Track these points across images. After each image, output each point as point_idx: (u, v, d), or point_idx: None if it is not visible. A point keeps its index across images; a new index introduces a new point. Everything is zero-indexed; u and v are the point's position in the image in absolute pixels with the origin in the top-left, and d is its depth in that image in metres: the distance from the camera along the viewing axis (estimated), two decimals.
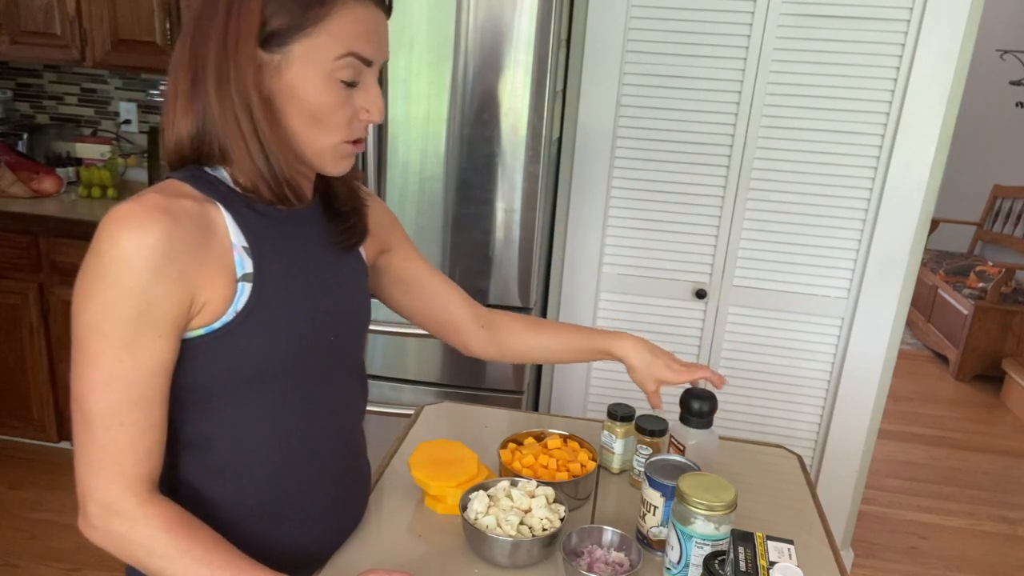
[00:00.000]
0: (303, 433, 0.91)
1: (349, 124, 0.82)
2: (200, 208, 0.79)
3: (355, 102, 0.82)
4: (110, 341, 0.74)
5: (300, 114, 0.80)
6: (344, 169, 0.86)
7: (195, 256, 0.77)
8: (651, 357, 1.13)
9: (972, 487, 3.00)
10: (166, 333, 0.77)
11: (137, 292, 0.73)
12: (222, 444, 0.86)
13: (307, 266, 0.90)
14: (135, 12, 2.45)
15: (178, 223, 0.76)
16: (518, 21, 1.85)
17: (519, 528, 0.97)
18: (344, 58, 0.78)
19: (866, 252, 2.12)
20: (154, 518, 0.77)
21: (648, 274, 2.26)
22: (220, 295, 0.80)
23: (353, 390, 1.01)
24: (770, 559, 0.86)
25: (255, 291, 0.82)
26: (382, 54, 0.83)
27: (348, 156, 0.85)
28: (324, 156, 0.83)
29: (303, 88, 0.78)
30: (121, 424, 0.76)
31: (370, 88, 0.82)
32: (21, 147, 2.81)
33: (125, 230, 0.73)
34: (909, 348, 4.45)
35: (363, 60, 0.80)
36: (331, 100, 0.80)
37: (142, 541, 0.76)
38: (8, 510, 2.40)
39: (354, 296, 0.98)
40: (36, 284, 2.48)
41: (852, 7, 1.96)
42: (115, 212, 0.75)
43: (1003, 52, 4.65)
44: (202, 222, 0.79)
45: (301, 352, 0.88)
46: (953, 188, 4.71)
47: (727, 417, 2.29)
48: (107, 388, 0.75)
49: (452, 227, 2.00)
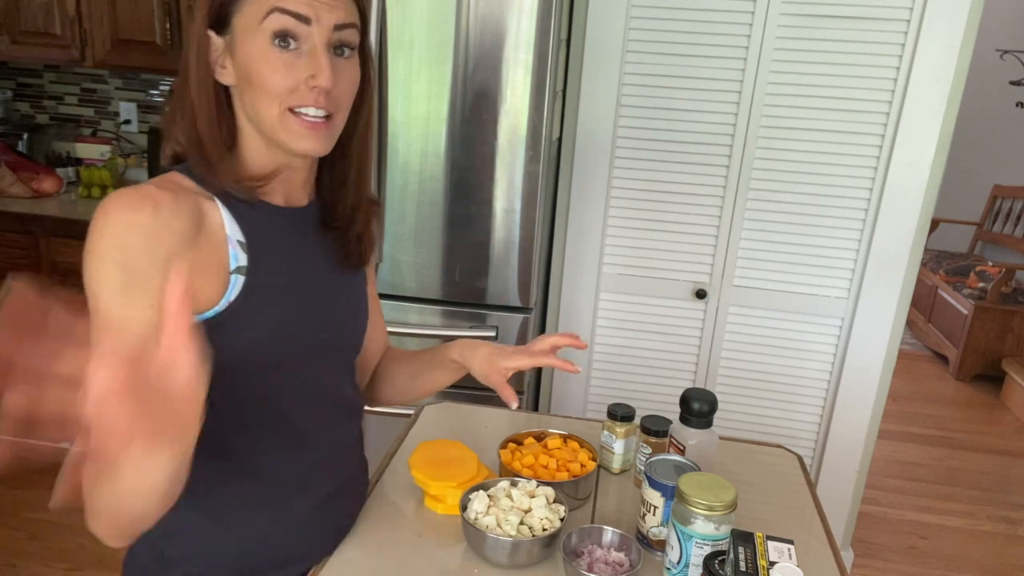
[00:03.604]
0: (291, 428, 0.92)
1: (293, 91, 0.80)
2: (195, 200, 0.81)
3: (299, 70, 0.80)
4: (105, 316, 0.76)
5: (248, 87, 0.81)
6: (308, 147, 0.83)
7: (187, 243, 0.79)
8: (490, 349, 1.05)
9: (972, 487, 3.00)
10: (157, 306, 0.76)
11: (123, 264, 0.75)
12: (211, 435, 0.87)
13: (301, 264, 0.91)
14: (135, 12, 2.45)
15: (168, 208, 0.78)
16: (518, 21, 1.85)
17: (519, 528, 0.97)
18: (269, 15, 0.78)
19: (866, 252, 2.12)
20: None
21: (648, 274, 2.26)
22: (212, 286, 0.81)
23: (347, 387, 1.01)
24: (770, 559, 0.86)
25: (247, 284, 0.84)
26: (319, 13, 0.79)
27: (306, 134, 0.82)
28: (276, 129, 0.82)
29: (247, 59, 0.80)
30: None
31: (315, 53, 0.80)
32: (21, 147, 2.81)
33: (115, 210, 0.76)
34: (909, 348, 4.45)
35: (290, 14, 0.78)
36: (269, 65, 0.79)
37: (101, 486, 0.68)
38: (8, 510, 2.40)
39: (349, 295, 0.99)
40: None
41: (852, 7, 1.96)
42: (111, 195, 0.78)
43: (1003, 52, 4.65)
44: (196, 213, 0.81)
45: (292, 347, 0.89)
46: (953, 188, 4.71)
47: (727, 417, 2.29)
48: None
49: (452, 227, 2.00)
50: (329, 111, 0.82)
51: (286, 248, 0.89)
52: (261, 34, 0.78)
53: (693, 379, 2.30)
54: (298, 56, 0.80)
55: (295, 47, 0.79)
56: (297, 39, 0.79)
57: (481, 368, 1.05)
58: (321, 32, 0.80)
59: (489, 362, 1.04)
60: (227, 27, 0.81)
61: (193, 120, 0.83)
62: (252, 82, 0.80)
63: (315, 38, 0.80)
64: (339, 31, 0.81)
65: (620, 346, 2.32)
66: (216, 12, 0.80)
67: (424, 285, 2.06)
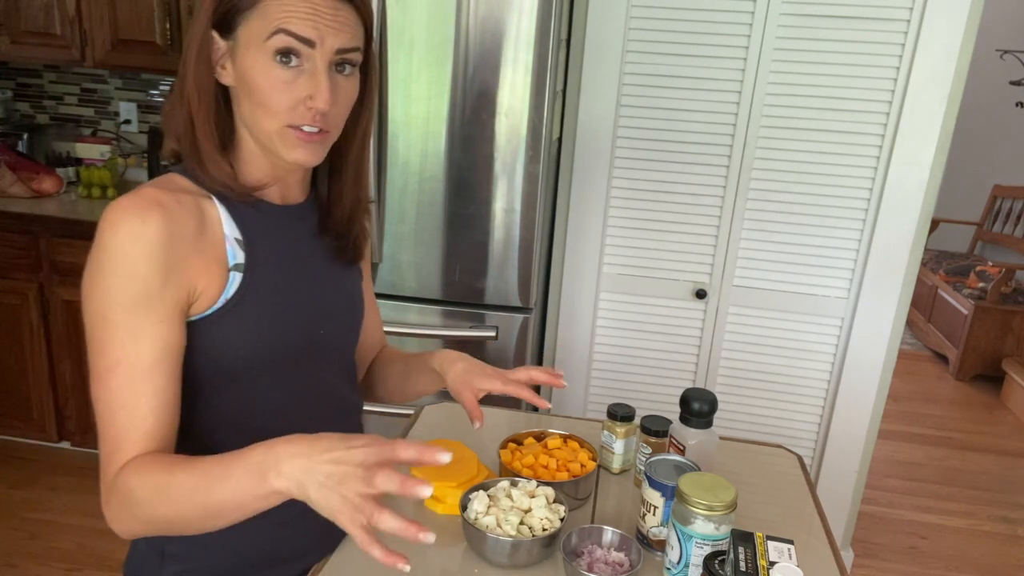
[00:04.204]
0: (290, 424, 0.92)
1: (292, 110, 0.81)
2: (195, 201, 0.83)
3: (299, 89, 0.81)
4: (114, 328, 0.77)
5: (247, 97, 0.82)
6: (300, 158, 0.84)
7: (191, 246, 0.80)
8: (467, 366, 1.06)
9: (972, 487, 3.00)
10: (168, 319, 0.79)
11: (135, 279, 0.76)
12: (209, 436, 0.88)
13: (298, 260, 0.92)
14: (135, 12, 2.45)
15: (174, 215, 0.79)
16: (518, 21, 1.85)
17: (519, 528, 0.97)
18: (275, 35, 0.78)
19: (866, 252, 2.12)
20: (128, 471, 0.76)
21: (648, 274, 2.26)
22: (213, 284, 0.83)
23: (344, 385, 1.02)
24: (770, 559, 0.86)
25: (245, 281, 0.85)
26: (324, 36, 0.80)
27: (300, 145, 0.83)
28: (273, 141, 0.83)
29: (248, 70, 0.80)
30: (123, 406, 0.77)
31: (316, 74, 0.80)
32: (21, 147, 2.81)
33: (124, 222, 0.76)
34: (909, 348, 4.45)
35: (295, 37, 0.78)
36: (269, 81, 0.80)
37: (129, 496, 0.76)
38: (8, 510, 2.40)
39: (345, 291, 1.00)
40: (36, 284, 2.48)
41: (852, 7, 1.96)
42: (115, 205, 0.78)
43: (1003, 52, 4.65)
44: (197, 214, 0.82)
45: (289, 343, 0.89)
46: (953, 188, 4.71)
47: (727, 417, 2.29)
48: (111, 373, 0.77)
49: (452, 227, 2.00)
50: (324, 128, 0.83)
51: (283, 245, 0.90)
52: (264, 50, 0.79)
53: (693, 379, 2.30)
54: (299, 74, 0.80)
55: (296, 64, 0.80)
56: (299, 56, 0.80)
57: (454, 383, 1.05)
58: (324, 55, 0.80)
59: (463, 379, 1.04)
60: (231, 33, 0.81)
61: (190, 116, 0.84)
62: (252, 95, 0.81)
63: (317, 60, 0.80)
64: (342, 54, 0.82)
65: (620, 346, 2.32)
66: (222, 16, 0.81)
67: (424, 285, 2.06)
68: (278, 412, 0.91)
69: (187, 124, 0.84)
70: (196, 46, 0.82)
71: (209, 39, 0.82)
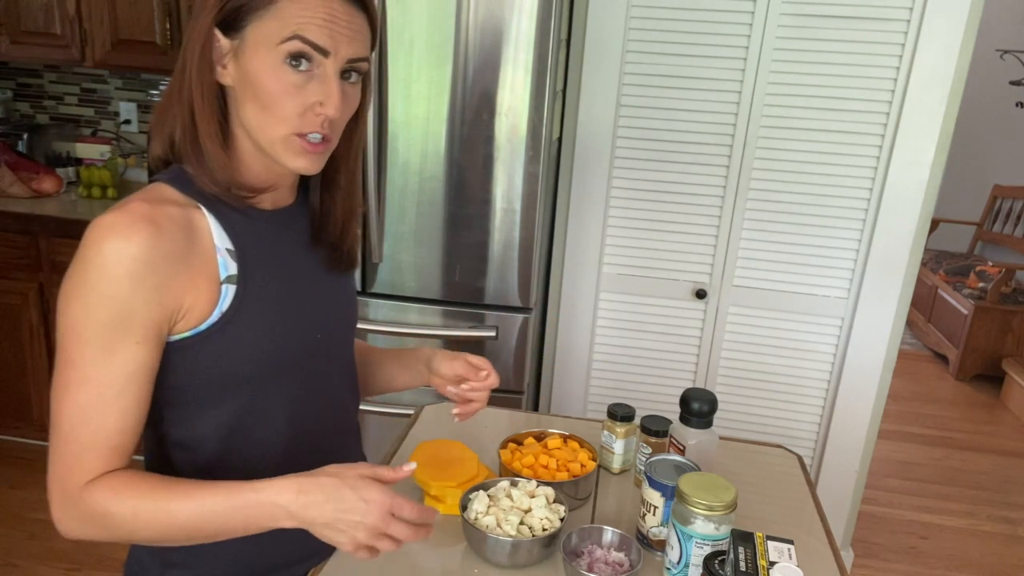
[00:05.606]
0: (291, 432, 0.92)
1: (301, 116, 0.79)
2: (184, 213, 0.80)
3: (309, 94, 0.79)
4: (87, 344, 0.75)
5: (253, 101, 0.79)
6: (303, 165, 0.82)
7: (179, 263, 0.78)
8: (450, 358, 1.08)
9: (972, 487, 3.00)
10: (145, 339, 0.77)
11: (116, 299, 0.74)
12: (210, 444, 0.87)
13: (292, 266, 0.90)
14: (135, 12, 2.45)
15: (161, 231, 0.77)
16: (518, 21, 1.85)
17: (519, 528, 0.97)
18: (290, 41, 0.77)
19: (866, 252, 2.12)
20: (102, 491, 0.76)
21: (648, 274, 2.26)
22: (205, 298, 0.81)
23: (343, 389, 1.01)
24: (770, 559, 0.86)
25: (239, 293, 0.83)
26: (339, 45, 0.79)
27: (303, 154, 0.82)
28: (276, 148, 0.81)
29: (256, 73, 0.78)
30: (86, 424, 0.76)
31: (327, 80, 0.79)
32: (21, 147, 2.81)
33: (109, 239, 0.75)
34: (909, 348, 4.45)
35: (311, 45, 0.77)
36: (279, 86, 0.78)
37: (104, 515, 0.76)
38: (8, 510, 2.40)
39: (340, 295, 0.99)
40: (36, 284, 2.48)
41: (852, 7, 1.96)
42: (100, 221, 0.76)
43: (1003, 52, 4.65)
44: (186, 227, 0.80)
45: (287, 351, 0.89)
46: (953, 188, 4.71)
47: (727, 417, 2.29)
48: (79, 388, 0.76)
49: (452, 227, 2.00)
50: (327, 135, 0.82)
51: (275, 253, 0.88)
52: (276, 53, 0.77)
53: (693, 379, 2.30)
54: (309, 78, 0.79)
55: (307, 68, 0.78)
56: (311, 60, 0.78)
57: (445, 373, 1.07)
58: (336, 63, 0.79)
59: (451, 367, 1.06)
60: (238, 32, 0.79)
61: (191, 115, 0.82)
62: (258, 98, 0.79)
63: (328, 67, 0.79)
64: (352, 63, 0.81)
65: (620, 346, 2.32)
66: (228, 14, 0.78)
67: (424, 285, 2.06)
68: (279, 420, 0.90)
69: (188, 124, 0.82)
70: (198, 44, 0.80)
71: (211, 37, 0.80)
